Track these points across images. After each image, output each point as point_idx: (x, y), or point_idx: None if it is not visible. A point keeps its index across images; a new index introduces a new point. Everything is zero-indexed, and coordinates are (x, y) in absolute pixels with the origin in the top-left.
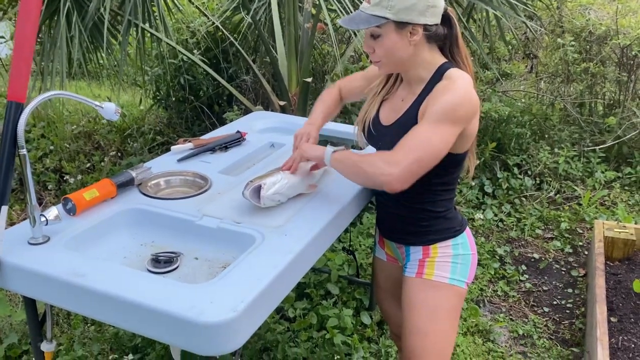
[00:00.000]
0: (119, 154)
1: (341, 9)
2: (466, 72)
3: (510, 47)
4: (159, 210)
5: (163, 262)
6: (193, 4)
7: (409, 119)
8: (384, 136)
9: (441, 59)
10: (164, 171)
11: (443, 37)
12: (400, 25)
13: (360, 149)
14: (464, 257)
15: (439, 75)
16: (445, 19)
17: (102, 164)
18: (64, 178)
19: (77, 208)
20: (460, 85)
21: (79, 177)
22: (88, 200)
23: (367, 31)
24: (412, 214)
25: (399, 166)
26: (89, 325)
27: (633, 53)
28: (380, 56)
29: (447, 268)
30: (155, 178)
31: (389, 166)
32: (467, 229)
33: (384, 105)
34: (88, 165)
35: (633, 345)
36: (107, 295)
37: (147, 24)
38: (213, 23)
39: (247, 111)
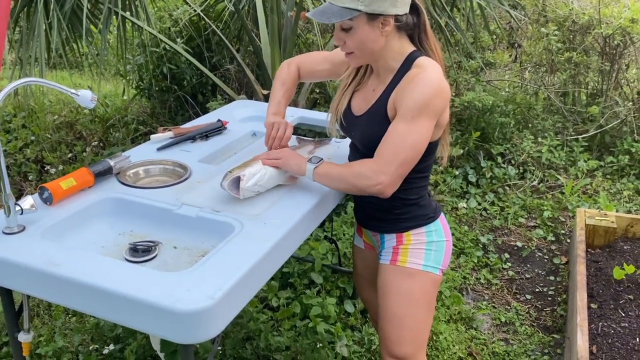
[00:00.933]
0: (101, 144)
1: None
2: (435, 60)
3: (494, 36)
4: (138, 200)
5: (141, 251)
6: None
7: (380, 108)
8: (355, 126)
9: (410, 47)
10: (143, 160)
11: (412, 26)
12: (372, 16)
13: (344, 137)
14: (438, 243)
15: (408, 63)
16: (413, 7)
17: (84, 154)
18: (45, 168)
19: (53, 197)
20: (431, 76)
21: (61, 167)
22: (65, 190)
23: (337, 24)
24: (385, 202)
25: (388, 174)
26: (70, 316)
27: (615, 42)
28: (352, 48)
29: (420, 255)
30: (134, 167)
31: (378, 175)
32: (442, 215)
33: (355, 96)
34: (70, 155)
35: (612, 331)
36: (83, 285)
37: (127, 12)
38: (195, 11)
39: (230, 100)
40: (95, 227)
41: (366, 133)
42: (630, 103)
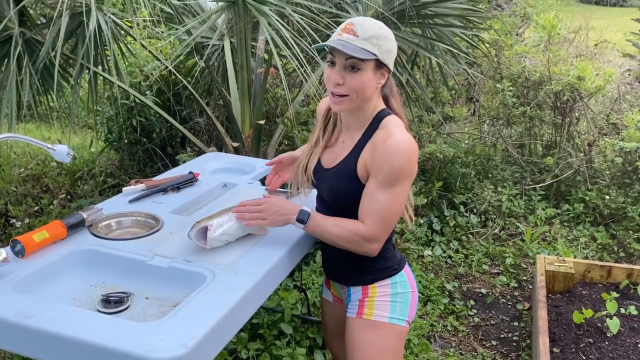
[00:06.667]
0: (69, 197)
1: (291, 55)
2: (398, 117)
3: (453, 91)
4: (110, 251)
5: (113, 303)
6: (146, 48)
7: (349, 165)
8: (323, 178)
9: (382, 105)
10: (115, 212)
11: (389, 87)
12: (379, 65)
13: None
14: (403, 295)
15: (376, 122)
16: None
17: (51, 207)
18: (10, 222)
19: (25, 250)
20: (400, 139)
21: (27, 220)
22: (37, 242)
23: (345, 62)
24: (352, 254)
25: (378, 240)
26: None
27: (565, 98)
28: (351, 90)
29: (386, 307)
30: (106, 219)
31: (370, 243)
32: (407, 267)
33: (325, 150)
34: (36, 208)
35: None
36: (56, 336)
37: (99, 67)
38: (166, 67)
39: (200, 153)
40: (68, 279)
41: (334, 187)
42: (582, 154)
